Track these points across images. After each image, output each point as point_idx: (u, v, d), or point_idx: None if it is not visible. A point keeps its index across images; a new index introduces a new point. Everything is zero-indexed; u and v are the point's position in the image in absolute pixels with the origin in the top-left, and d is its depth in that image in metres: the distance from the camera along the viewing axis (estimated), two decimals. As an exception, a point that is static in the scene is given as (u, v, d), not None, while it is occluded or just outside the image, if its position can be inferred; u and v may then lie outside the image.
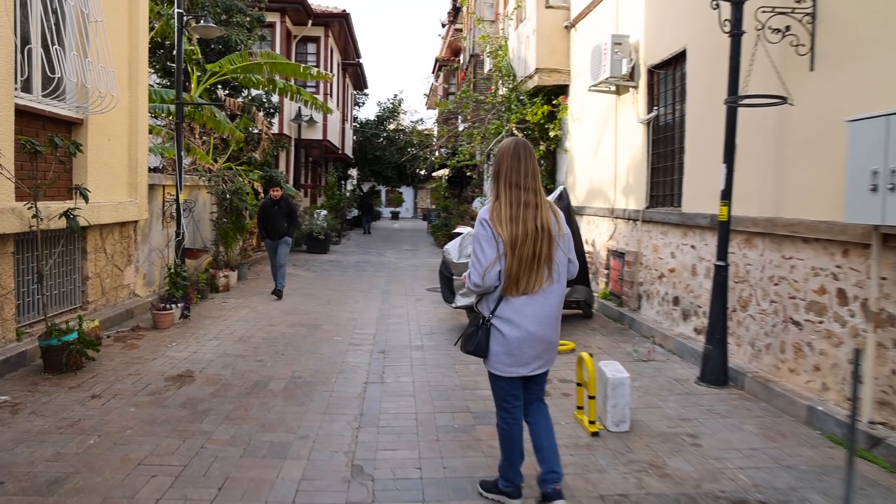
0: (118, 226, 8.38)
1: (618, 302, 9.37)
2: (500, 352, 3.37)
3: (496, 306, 3.35)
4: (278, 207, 10.40)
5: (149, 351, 6.89)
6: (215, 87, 13.80)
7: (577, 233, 8.95)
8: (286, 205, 10.46)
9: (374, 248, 21.59)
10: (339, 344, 7.53)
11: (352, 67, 28.13)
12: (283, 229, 10.46)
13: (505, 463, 3.58)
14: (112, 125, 8.07)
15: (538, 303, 3.34)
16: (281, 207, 10.41)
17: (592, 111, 10.80)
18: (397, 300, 10.77)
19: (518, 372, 3.40)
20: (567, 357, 6.99)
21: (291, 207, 10.54)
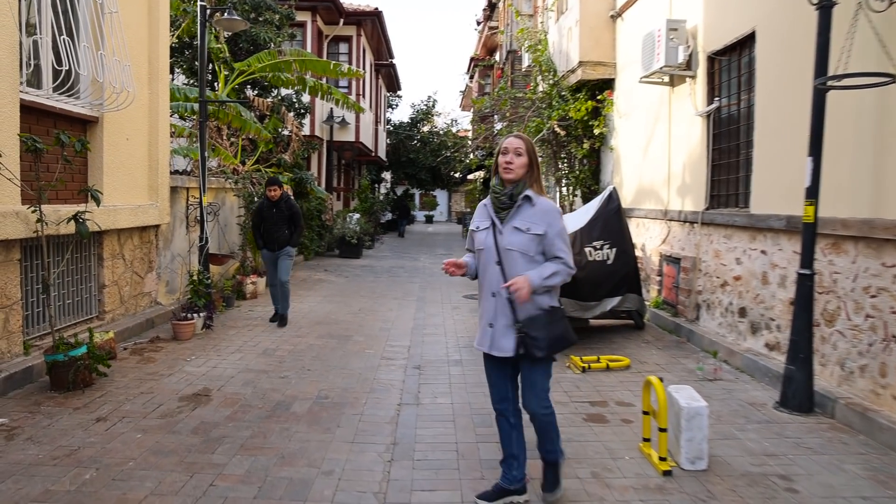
0: (138, 230, 7.90)
1: (672, 312, 8.61)
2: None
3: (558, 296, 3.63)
4: (277, 210, 8.45)
5: (165, 365, 6.36)
6: (244, 86, 13.36)
7: (629, 237, 8.23)
8: (287, 207, 8.49)
9: (407, 253, 21.02)
10: (370, 358, 6.92)
11: (385, 68, 27.64)
12: (283, 237, 8.46)
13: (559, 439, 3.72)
14: (130, 124, 7.59)
15: None
16: (280, 210, 8.44)
17: (642, 105, 10.06)
18: (433, 308, 10.14)
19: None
20: (622, 375, 6.28)
21: (294, 210, 8.54)
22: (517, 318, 3.42)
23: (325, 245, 18.33)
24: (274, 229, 8.44)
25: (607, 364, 6.51)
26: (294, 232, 8.53)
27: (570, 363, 6.62)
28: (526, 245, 3.40)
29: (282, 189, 8.51)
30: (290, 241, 8.49)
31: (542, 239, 3.41)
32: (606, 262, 7.84)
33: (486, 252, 3.52)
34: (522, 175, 3.48)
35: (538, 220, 3.42)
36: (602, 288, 7.74)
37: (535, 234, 3.40)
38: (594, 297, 7.65)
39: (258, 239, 8.54)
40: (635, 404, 5.41)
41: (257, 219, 8.58)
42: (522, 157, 3.47)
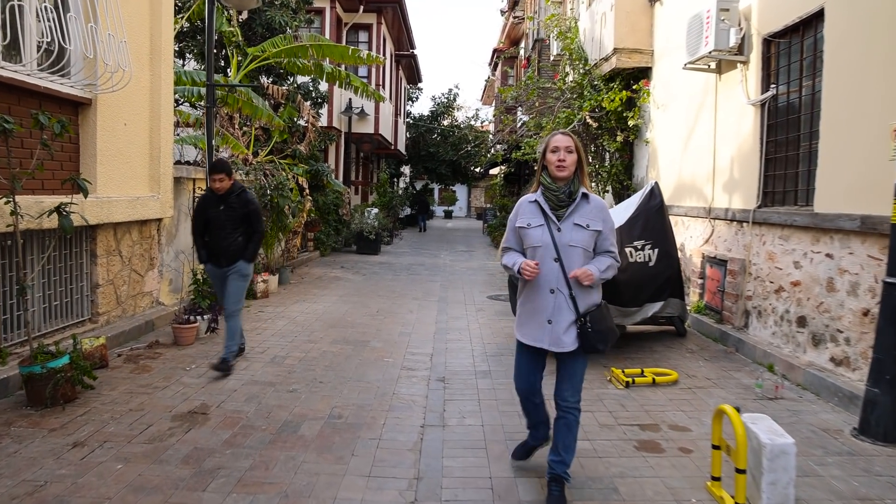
0: (137, 224, 7.30)
1: (717, 318, 7.88)
2: None
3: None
4: (226, 208, 5.98)
5: (161, 376, 5.75)
6: (258, 73, 12.74)
7: (672, 237, 7.51)
8: (240, 203, 6.04)
9: (427, 249, 20.36)
10: (389, 368, 6.27)
11: (405, 59, 26.96)
12: (235, 248, 6.01)
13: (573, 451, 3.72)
14: (129, 107, 6.98)
15: None
16: (231, 208, 6.00)
17: (683, 95, 9.31)
18: (455, 310, 9.47)
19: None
20: (671, 392, 5.58)
21: (250, 207, 6.08)
22: (579, 313, 3.49)
23: (341, 241, 17.72)
24: (221, 235, 6.03)
25: (653, 378, 5.82)
26: (251, 238, 6.11)
27: (612, 377, 5.93)
28: (587, 241, 3.49)
29: (231, 178, 6.05)
30: (244, 254, 6.05)
31: (598, 235, 3.51)
32: (648, 264, 7.14)
33: (542, 249, 3.52)
34: (574, 171, 3.55)
35: (595, 217, 3.51)
36: (644, 292, 7.04)
37: (595, 230, 3.50)
38: (635, 301, 6.95)
39: (200, 250, 6.17)
40: (691, 428, 4.73)
41: (198, 220, 6.16)
42: (573, 155, 3.52)
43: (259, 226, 6.17)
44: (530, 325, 3.62)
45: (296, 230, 11.76)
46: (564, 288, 3.47)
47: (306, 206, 11.92)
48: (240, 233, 6.07)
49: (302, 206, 11.65)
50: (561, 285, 3.48)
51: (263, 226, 6.33)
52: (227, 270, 6.07)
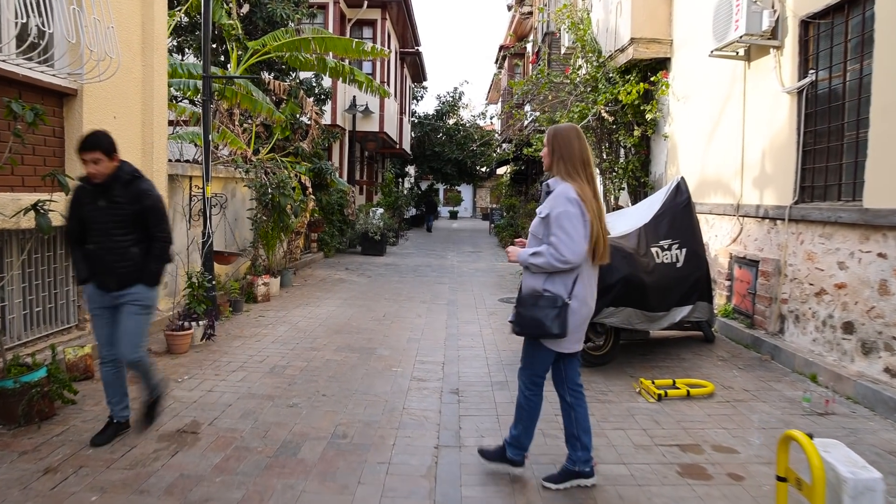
0: (129, 224, 6.81)
1: (747, 322, 7.37)
2: (572, 329, 3.54)
3: (573, 286, 3.51)
4: (108, 203, 4.12)
5: (151, 388, 5.27)
6: (259, 68, 12.27)
7: (700, 235, 7.02)
8: (129, 195, 4.12)
9: (434, 250, 19.87)
10: (398, 378, 5.78)
11: (410, 56, 26.47)
12: (126, 261, 4.14)
13: (523, 433, 3.80)
14: (119, 100, 6.51)
15: (595, 280, 3.67)
16: (115, 203, 4.10)
17: (706, 86, 8.81)
18: (466, 314, 8.98)
19: (576, 347, 3.67)
20: (708, 406, 5.07)
21: (145, 199, 4.17)
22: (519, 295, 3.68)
23: (346, 241, 17.23)
24: (105, 244, 4.11)
25: (687, 390, 5.31)
26: (150, 251, 4.18)
27: (642, 388, 5.43)
28: (537, 228, 3.59)
29: (113, 159, 4.05)
30: (143, 274, 4.15)
31: (546, 222, 3.49)
32: (676, 265, 6.65)
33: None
34: (549, 164, 3.64)
35: (546, 205, 3.52)
36: (671, 295, 6.54)
37: (541, 217, 3.54)
38: (663, 305, 6.45)
39: (78, 264, 4.24)
40: (738, 449, 4.22)
41: (72, 221, 4.21)
42: (546, 148, 3.65)
43: (160, 229, 4.19)
44: None
45: (298, 230, 11.29)
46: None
47: (309, 206, 11.44)
48: (132, 240, 4.12)
49: (304, 205, 11.17)
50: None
51: (168, 230, 4.27)
52: (117, 297, 4.13)
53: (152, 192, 4.24)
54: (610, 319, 6.08)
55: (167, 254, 4.32)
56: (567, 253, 3.36)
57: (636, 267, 6.11)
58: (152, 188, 4.26)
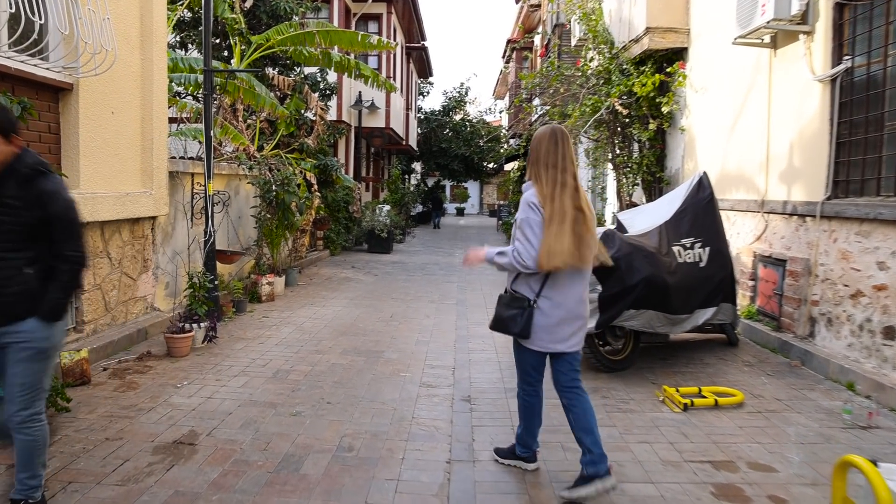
0: (128, 223, 6.55)
1: (774, 325, 7.05)
2: (541, 329, 3.53)
3: (541, 287, 3.53)
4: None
5: (149, 394, 4.99)
6: (263, 63, 11.99)
7: (723, 233, 6.69)
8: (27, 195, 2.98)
9: (441, 248, 19.57)
10: (406, 384, 5.49)
11: (416, 52, 26.17)
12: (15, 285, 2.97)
13: (525, 432, 3.82)
14: (117, 95, 6.23)
15: (577, 282, 3.57)
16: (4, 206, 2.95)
17: (727, 76, 8.47)
18: (476, 314, 8.68)
19: (554, 348, 3.57)
20: (738, 416, 4.76)
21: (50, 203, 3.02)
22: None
23: (352, 239, 16.95)
24: None
25: (715, 399, 5.00)
26: (56, 272, 3.07)
27: (665, 396, 5.12)
28: (514, 229, 3.64)
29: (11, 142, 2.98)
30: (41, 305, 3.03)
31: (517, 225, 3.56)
32: (699, 265, 6.32)
33: None
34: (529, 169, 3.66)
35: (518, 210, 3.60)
36: (695, 297, 6.22)
37: (514, 220, 3.63)
38: (686, 308, 6.13)
39: None
40: (776, 468, 3.91)
41: None
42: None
43: (71, 246, 3.08)
44: None
45: (303, 228, 11.00)
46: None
47: (314, 203, 11.16)
48: (26, 258, 3.00)
49: (310, 202, 10.89)
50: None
51: (82, 246, 3.14)
52: (3, 336, 3.00)
53: (60, 195, 3.04)
54: (630, 323, 5.77)
55: (78, 279, 3.15)
56: (526, 258, 3.43)
57: (658, 267, 5.79)
58: (60, 189, 3.06)
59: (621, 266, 5.56)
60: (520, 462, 3.85)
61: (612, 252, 5.56)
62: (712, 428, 4.54)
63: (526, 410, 3.79)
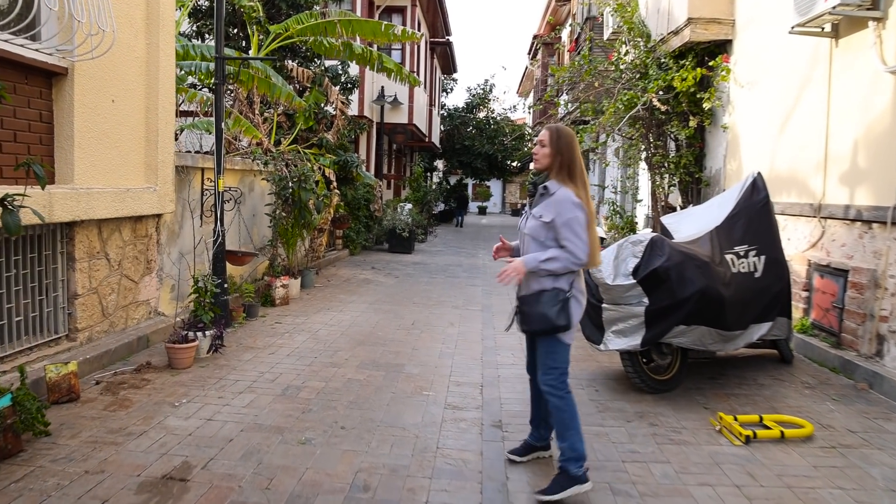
0: (129, 222, 6.06)
1: (832, 341, 6.41)
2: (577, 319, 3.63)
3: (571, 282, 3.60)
4: None
5: (142, 414, 4.48)
6: (282, 55, 11.50)
7: (779, 240, 6.07)
8: None
9: (464, 248, 19.00)
10: (429, 406, 4.93)
11: (441, 47, 25.60)
12: None
13: (576, 435, 3.58)
14: (118, 81, 5.74)
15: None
16: None
17: (778, 69, 7.82)
18: (503, 322, 8.10)
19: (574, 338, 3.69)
20: (810, 452, 4.14)
21: None
22: (518, 294, 3.75)
23: (372, 238, 16.44)
24: None
25: (781, 432, 4.39)
26: None
27: (723, 426, 4.51)
28: (537, 231, 3.60)
29: None
30: None
31: (550, 227, 3.54)
32: (754, 275, 5.71)
33: (519, 234, 3.84)
34: (548, 164, 3.64)
35: (549, 209, 3.55)
36: (749, 310, 5.61)
37: (545, 221, 3.56)
38: (740, 323, 5.52)
39: None
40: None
41: None
42: (545, 148, 3.63)
43: None
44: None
45: (321, 227, 10.50)
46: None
47: (333, 201, 10.65)
48: None
49: (329, 200, 10.38)
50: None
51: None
52: None
53: None
54: (679, 339, 5.17)
55: None
56: (582, 255, 3.51)
57: (713, 278, 5.18)
58: None
59: (672, 277, 4.97)
60: (578, 486, 3.53)
61: (661, 261, 4.99)
62: (782, 468, 3.94)
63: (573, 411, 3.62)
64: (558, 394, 3.59)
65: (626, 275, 5.08)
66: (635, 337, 5.10)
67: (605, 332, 5.31)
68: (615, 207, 13.41)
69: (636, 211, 14.17)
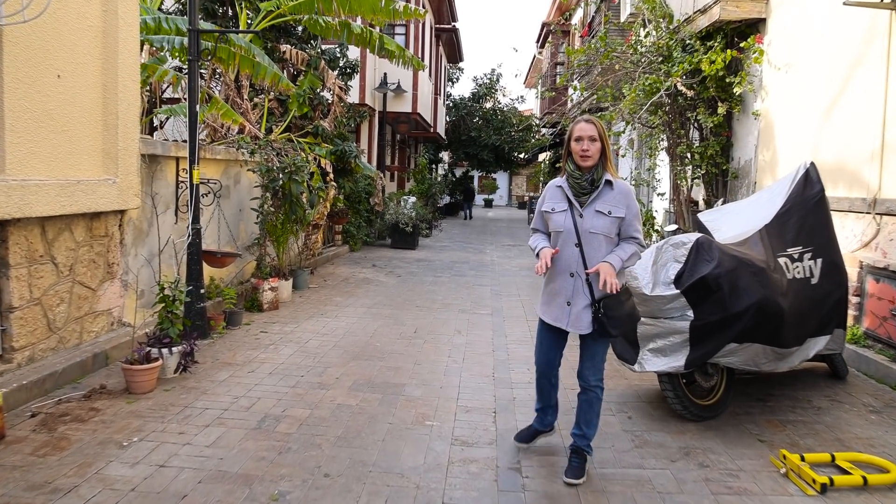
0: (82, 219, 5.25)
1: (891, 354, 5.59)
2: None
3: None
4: None
5: (78, 460, 3.66)
6: (274, 35, 10.65)
7: (836, 240, 5.24)
8: None
9: (470, 243, 18.16)
10: (433, 442, 4.12)
11: (446, 34, 24.67)
12: None
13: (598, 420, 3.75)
14: (65, 53, 4.92)
15: None
16: None
17: (822, 49, 6.98)
18: (515, 329, 7.31)
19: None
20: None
21: None
22: (594, 298, 3.52)
23: (374, 233, 15.63)
24: None
25: (863, 478, 3.57)
26: None
27: (789, 467, 3.70)
28: (608, 228, 3.51)
29: None
30: None
31: (621, 221, 3.51)
32: (810, 282, 4.90)
33: (564, 234, 3.58)
34: (599, 159, 3.53)
35: (619, 203, 3.50)
36: (807, 323, 4.79)
37: (617, 216, 3.50)
38: (797, 338, 4.70)
39: None
40: None
41: None
42: (597, 143, 3.50)
43: None
44: (552, 306, 3.69)
45: (316, 223, 9.67)
46: (583, 273, 3.53)
47: (330, 194, 9.82)
48: None
49: (324, 193, 9.55)
50: (580, 270, 3.54)
51: None
52: None
53: None
54: (729, 359, 4.37)
55: None
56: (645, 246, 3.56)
57: (771, 288, 4.36)
58: None
59: (723, 286, 4.14)
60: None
61: (710, 267, 4.16)
62: (876, 533, 3.12)
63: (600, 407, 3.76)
64: (599, 393, 3.69)
65: (666, 283, 4.25)
66: (677, 357, 4.29)
67: (640, 350, 4.50)
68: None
69: (652, 205, 13.32)
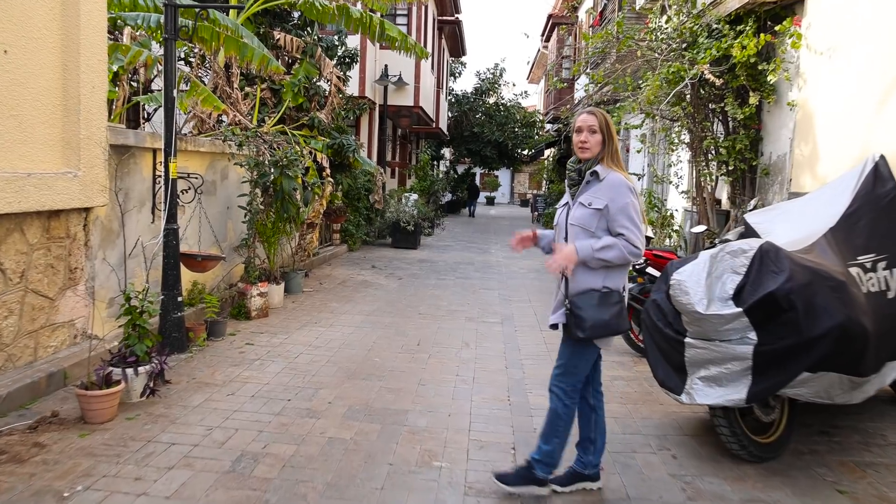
0: (37, 218, 4.53)
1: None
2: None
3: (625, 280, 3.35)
4: None
5: (9, 515, 2.96)
6: (268, 20, 9.92)
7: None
8: None
9: (474, 242, 17.43)
10: (442, 489, 3.40)
11: (449, 26, 23.89)
12: None
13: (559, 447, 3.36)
14: (13, 26, 4.20)
15: None
16: None
17: (876, 29, 6.24)
18: (529, 339, 6.59)
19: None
20: None
21: None
22: (567, 293, 3.26)
23: (374, 232, 14.90)
24: None
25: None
26: None
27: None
28: (587, 220, 3.26)
29: None
30: None
31: (602, 214, 3.22)
32: (886, 295, 4.16)
33: (558, 228, 3.47)
34: (599, 152, 3.31)
35: (601, 195, 3.25)
36: (885, 345, 4.06)
37: (596, 208, 3.24)
38: (875, 364, 3.97)
39: None
40: None
41: None
42: (597, 135, 3.30)
43: None
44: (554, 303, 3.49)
45: (312, 222, 8.94)
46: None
47: (326, 190, 9.08)
48: None
49: (320, 189, 8.82)
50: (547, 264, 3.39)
51: None
52: None
53: None
54: (799, 391, 3.65)
55: None
56: (640, 245, 3.18)
57: (854, 306, 3.62)
58: None
59: (797, 304, 3.40)
60: (533, 487, 3.36)
61: (779, 280, 3.43)
62: None
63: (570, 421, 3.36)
64: (566, 401, 3.32)
65: (723, 299, 3.53)
66: (737, 388, 3.56)
67: (687, 378, 3.77)
68: (653, 199, 11.79)
69: (668, 203, 12.59)
